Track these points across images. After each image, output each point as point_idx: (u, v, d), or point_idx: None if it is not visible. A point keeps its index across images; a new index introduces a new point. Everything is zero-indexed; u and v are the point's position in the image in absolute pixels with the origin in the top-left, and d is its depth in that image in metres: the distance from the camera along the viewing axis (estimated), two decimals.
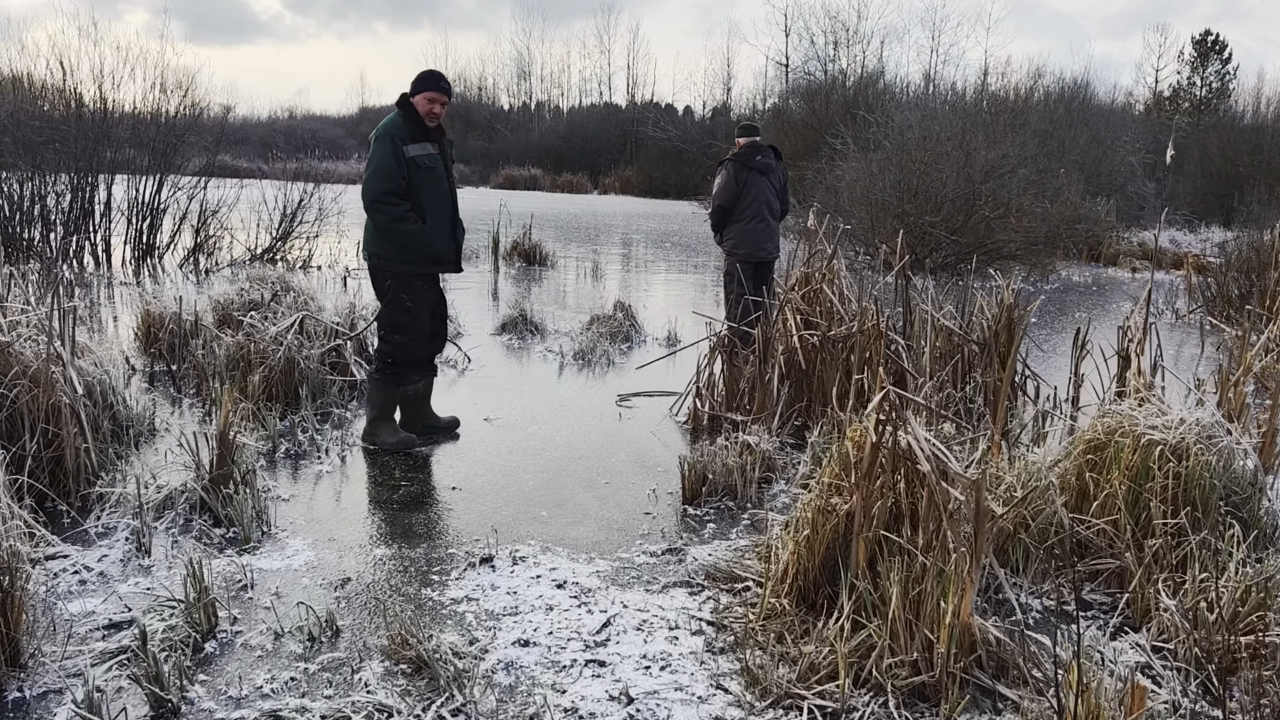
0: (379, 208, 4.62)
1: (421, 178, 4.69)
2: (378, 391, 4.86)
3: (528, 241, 14.34)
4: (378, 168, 4.60)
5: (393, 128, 4.67)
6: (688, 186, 48.71)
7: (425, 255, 4.74)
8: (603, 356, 7.33)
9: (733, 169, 7.44)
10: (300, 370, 5.41)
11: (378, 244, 4.75)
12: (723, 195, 7.47)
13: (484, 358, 7.18)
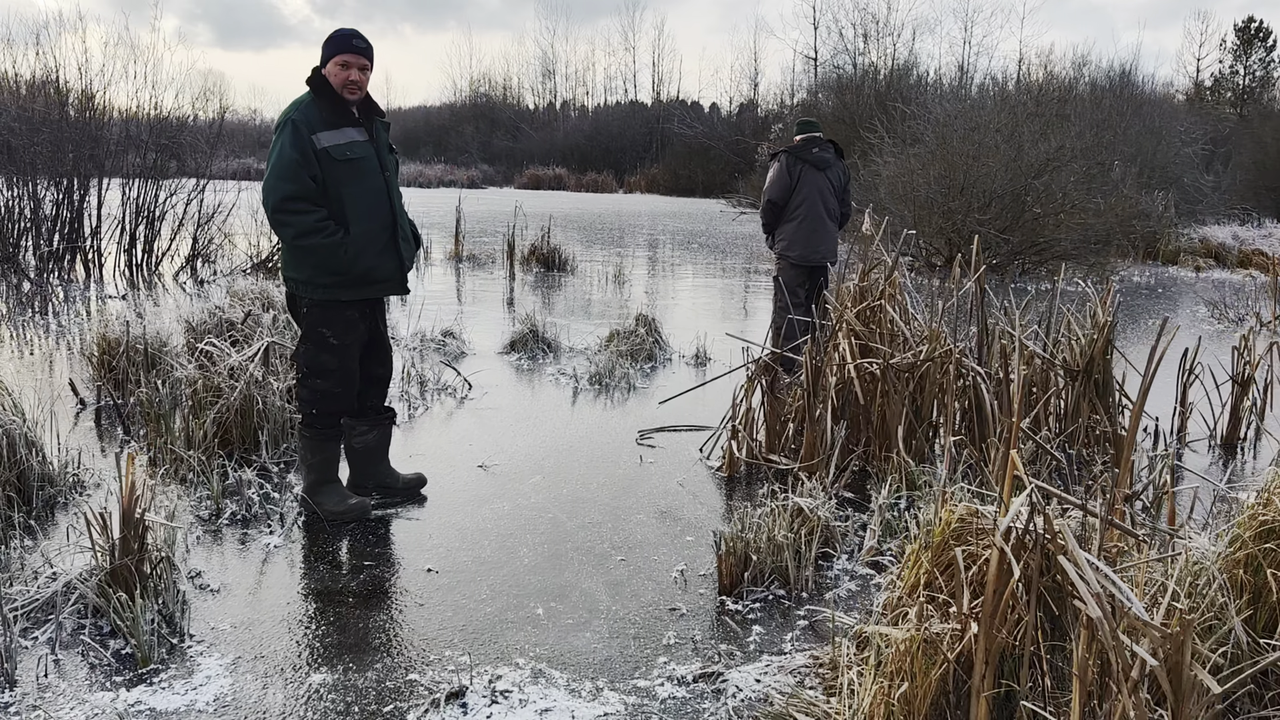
0: (282, 218, 3.65)
1: (342, 174, 3.71)
2: (308, 449, 3.91)
3: (546, 245, 13.48)
4: (276, 165, 3.64)
5: (297, 112, 3.69)
6: (714, 184, 47.73)
7: (351, 274, 3.75)
8: (622, 380, 6.43)
9: (785, 161, 6.63)
10: (260, 409, 4.55)
11: (289, 264, 3.81)
12: (774, 189, 6.61)
13: (488, 382, 6.30)
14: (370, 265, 3.81)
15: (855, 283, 5.09)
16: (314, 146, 3.66)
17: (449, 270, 13.06)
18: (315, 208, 3.67)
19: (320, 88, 3.77)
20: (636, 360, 7.04)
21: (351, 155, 3.75)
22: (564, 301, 10.37)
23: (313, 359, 3.85)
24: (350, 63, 3.78)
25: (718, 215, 30.29)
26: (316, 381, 3.85)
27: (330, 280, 3.75)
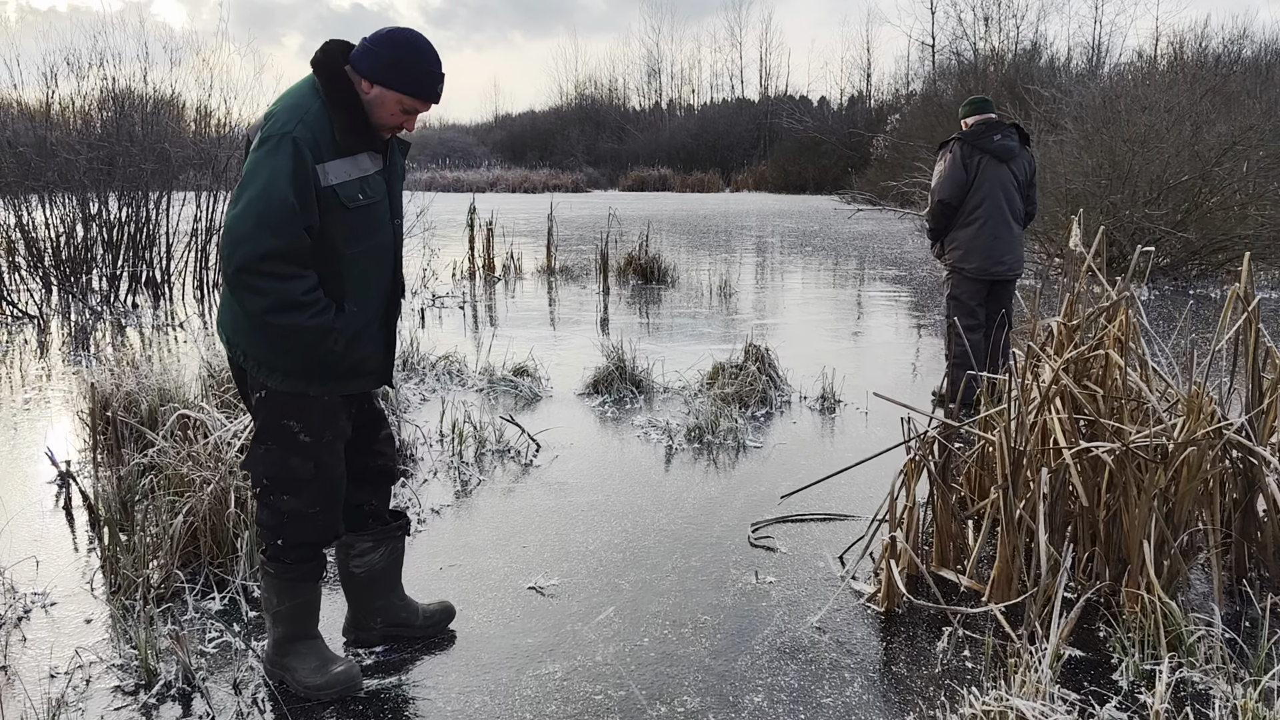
0: (252, 282, 2.37)
1: (346, 225, 2.52)
2: (274, 593, 2.66)
3: (644, 254, 12.21)
4: (259, 204, 2.37)
5: (300, 125, 2.44)
6: (826, 180, 45.74)
7: (334, 368, 2.57)
8: (728, 437, 5.06)
9: (960, 152, 5.36)
10: (235, 511, 3.38)
11: (245, 336, 2.56)
12: (946, 187, 5.29)
13: (560, 441, 5.04)
14: (361, 356, 2.61)
15: (1062, 319, 3.61)
16: (318, 182, 2.44)
17: (539, 285, 11.93)
18: (303, 272, 2.43)
19: (344, 100, 2.52)
20: (746, 405, 5.67)
21: (365, 199, 2.54)
22: (661, 322, 9.06)
23: (275, 465, 2.60)
24: (417, 110, 2.60)
25: (831, 213, 28.51)
26: (283, 499, 2.60)
27: (301, 369, 2.54)
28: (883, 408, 5.64)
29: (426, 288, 11.24)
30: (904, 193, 24.36)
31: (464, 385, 6.29)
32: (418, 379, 6.35)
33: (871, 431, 5.22)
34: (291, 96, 2.54)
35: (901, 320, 9.13)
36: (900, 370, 6.86)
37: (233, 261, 2.37)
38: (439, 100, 2.64)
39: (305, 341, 2.44)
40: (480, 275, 12.57)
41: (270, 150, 2.39)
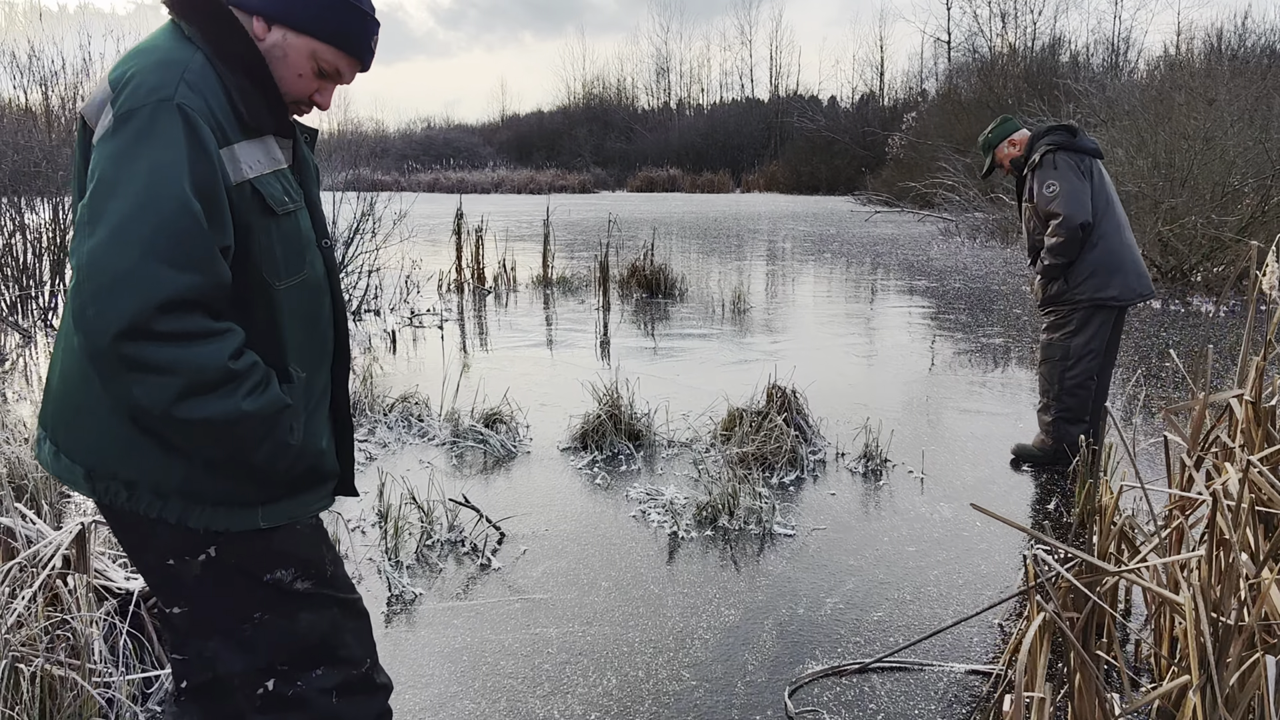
0: (148, 356, 1.35)
1: (283, 244, 1.58)
2: None
3: (649, 264, 11.05)
4: (145, 216, 1.36)
5: (183, 86, 1.44)
6: (839, 180, 44.54)
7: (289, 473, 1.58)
8: (750, 519, 3.90)
9: (1066, 161, 4.37)
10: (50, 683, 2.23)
11: (133, 458, 1.50)
12: (1077, 203, 4.33)
13: (529, 527, 3.89)
14: (318, 450, 1.65)
15: (1247, 393, 2.45)
16: (226, 176, 1.48)
17: (533, 299, 10.79)
18: (220, 326, 1.45)
19: (240, 51, 1.55)
20: (771, 469, 4.51)
21: (293, 204, 1.61)
22: (667, 347, 7.90)
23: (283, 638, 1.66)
24: (338, 74, 1.66)
25: (847, 215, 27.32)
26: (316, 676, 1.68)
27: (246, 487, 1.56)
28: (943, 471, 4.48)
29: (406, 303, 10.11)
30: (923, 194, 23.20)
31: (423, 437, 5.15)
32: (367, 429, 5.21)
33: (934, 509, 4.06)
34: (154, 51, 1.49)
35: (945, 345, 7.95)
36: (959, 416, 5.68)
37: (107, 325, 1.34)
38: (370, 62, 1.65)
39: (247, 439, 1.47)
40: (469, 287, 11.44)
41: (140, 132, 1.39)
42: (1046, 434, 4.58)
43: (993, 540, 3.72)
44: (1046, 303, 4.52)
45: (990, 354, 7.44)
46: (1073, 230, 4.24)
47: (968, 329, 8.57)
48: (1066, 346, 4.45)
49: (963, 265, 13.90)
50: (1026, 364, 7.10)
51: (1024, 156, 4.50)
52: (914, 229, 21.64)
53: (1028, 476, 4.52)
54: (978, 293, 10.97)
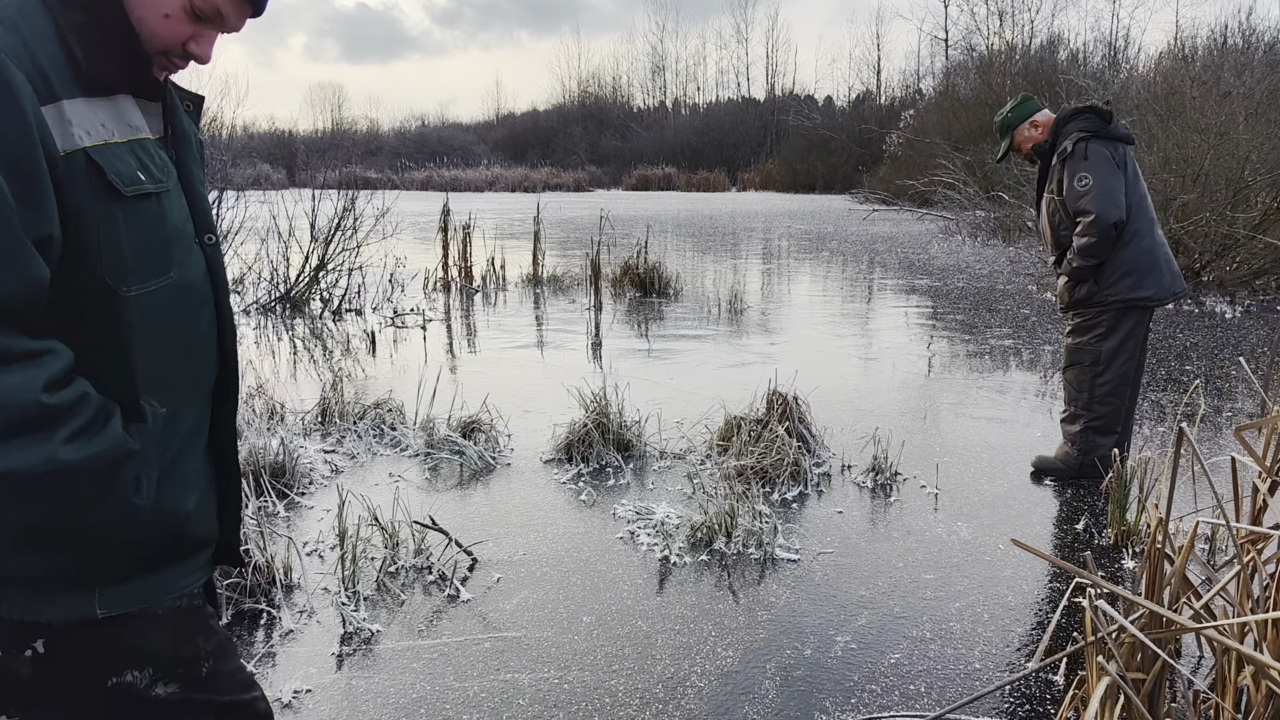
0: None
1: (133, 234, 1.17)
2: None
3: (643, 262, 10.68)
4: None
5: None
6: (836, 179, 44.23)
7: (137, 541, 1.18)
8: (750, 542, 3.52)
9: (1100, 151, 3.97)
10: None
11: None
12: (1111, 200, 3.94)
13: (505, 551, 3.51)
14: (184, 511, 1.26)
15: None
16: (49, 142, 1.09)
17: (523, 299, 10.41)
18: (38, 345, 1.07)
19: None
20: (772, 483, 4.14)
21: (150, 183, 1.20)
22: (660, 348, 7.53)
23: None
24: (225, 15, 1.26)
25: (845, 214, 26.97)
26: None
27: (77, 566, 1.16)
28: (958, 485, 4.11)
29: (390, 302, 9.73)
30: (922, 192, 22.85)
31: (395, 447, 4.77)
32: (335, 438, 4.84)
33: (951, 530, 3.69)
34: None
35: (951, 347, 7.59)
36: (971, 424, 5.32)
37: None
38: (264, 2, 1.26)
39: (69, 500, 1.10)
40: (456, 286, 11.05)
41: None
42: (1073, 445, 4.21)
43: (1019, 567, 3.35)
44: (1074, 305, 4.14)
45: (1000, 357, 7.08)
46: (1105, 230, 3.88)
47: (973, 330, 8.21)
48: (1097, 351, 4.09)
49: (965, 264, 13.55)
50: (1038, 367, 6.73)
51: (1048, 141, 4.13)
52: (913, 227, 21.30)
53: (1049, 492, 4.16)
54: (982, 292, 10.62)
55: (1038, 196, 4.31)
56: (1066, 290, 4.13)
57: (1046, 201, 4.14)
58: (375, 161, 59.43)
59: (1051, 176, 4.11)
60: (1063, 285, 4.16)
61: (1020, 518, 3.82)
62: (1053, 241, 4.20)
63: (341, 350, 7.42)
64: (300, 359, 7.10)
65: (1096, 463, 4.11)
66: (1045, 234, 4.27)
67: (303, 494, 4.11)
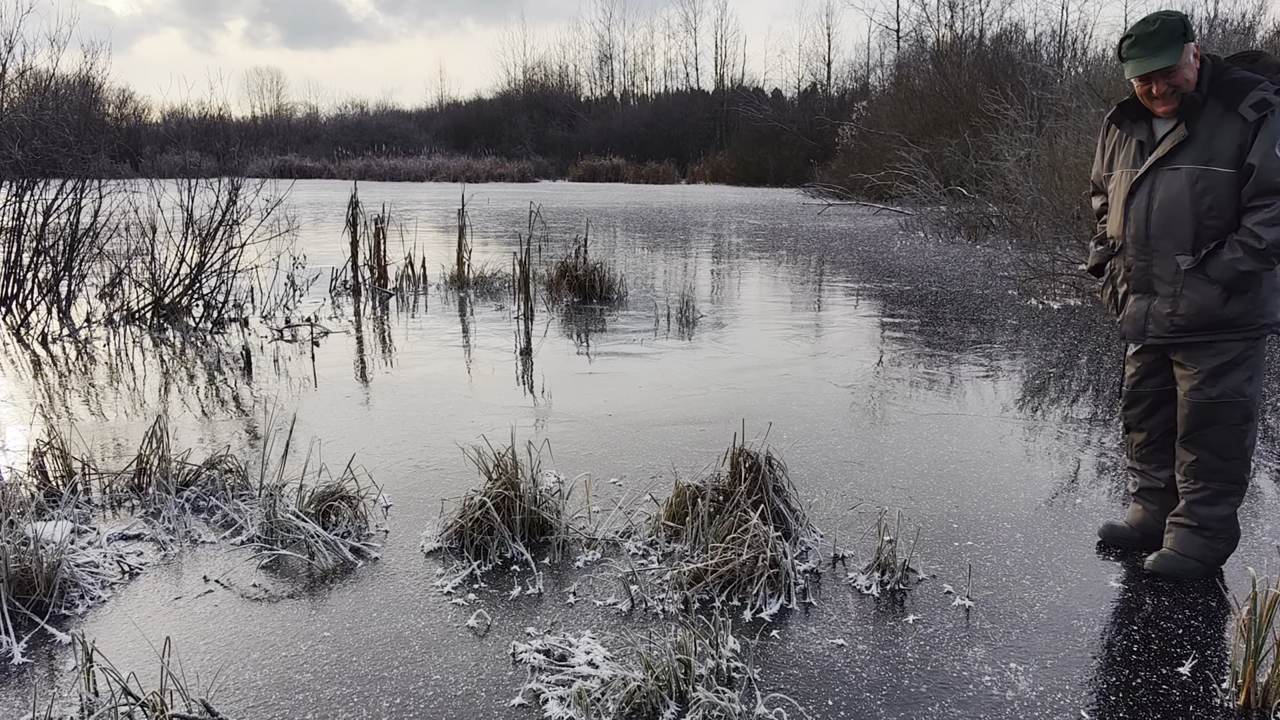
0: None
1: None
2: None
3: (582, 263, 9.43)
4: None
5: None
6: (787, 172, 43.25)
7: None
8: (712, 717, 2.32)
9: None
10: None
11: None
12: None
13: None
14: None
15: None
16: None
17: (445, 305, 9.09)
18: None
19: None
20: (745, 592, 2.95)
21: None
22: (598, 371, 6.30)
23: None
24: None
25: (799, 208, 25.97)
26: None
27: None
28: (995, 590, 2.95)
29: (287, 310, 8.35)
30: (878, 186, 21.90)
31: (226, 529, 3.48)
32: (146, 515, 3.54)
33: (1003, 679, 2.53)
34: None
35: (940, 371, 6.47)
36: (996, 486, 4.19)
37: None
38: None
39: None
40: (366, 289, 9.69)
41: None
42: (1217, 536, 3.08)
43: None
44: (1212, 328, 2.96)
45: (1006, 385, 5.98)
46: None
47: (962, 347, 7.11)
48: (1248, 399, 2.96)
49: (932, 265, 12.52)
50: (1061, 401, 5.65)
51: (1201, 87, 2.90)
52: (870, 223, 20.33)
53: (1116, 603, 3.02)
54: (959, 298, 9.56)
55: (1135, 159, 3.04)
56: (1210, 305, 2.91)
57: (1189, 174, 2.93)
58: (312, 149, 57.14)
59: (1196, 140, 2.89)
60: (1197, 299, 2.94)
61: (1091, 652, 2.68)
62: (1188, 232, 2.92)
63: (207, 375, 6.06)
64: (144, 388, 5.73)
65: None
66: (1144, 222, 3.00)
67: (65, 616, 2.82)
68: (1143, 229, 3.03)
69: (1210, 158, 2.86)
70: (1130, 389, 3.30)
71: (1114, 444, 4.65)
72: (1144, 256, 3.06)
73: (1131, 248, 3.09)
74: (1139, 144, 3.07)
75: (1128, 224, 3.09)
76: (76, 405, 5.27)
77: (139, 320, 7.80)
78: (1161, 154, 2.97)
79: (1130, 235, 3.08)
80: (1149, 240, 3.03)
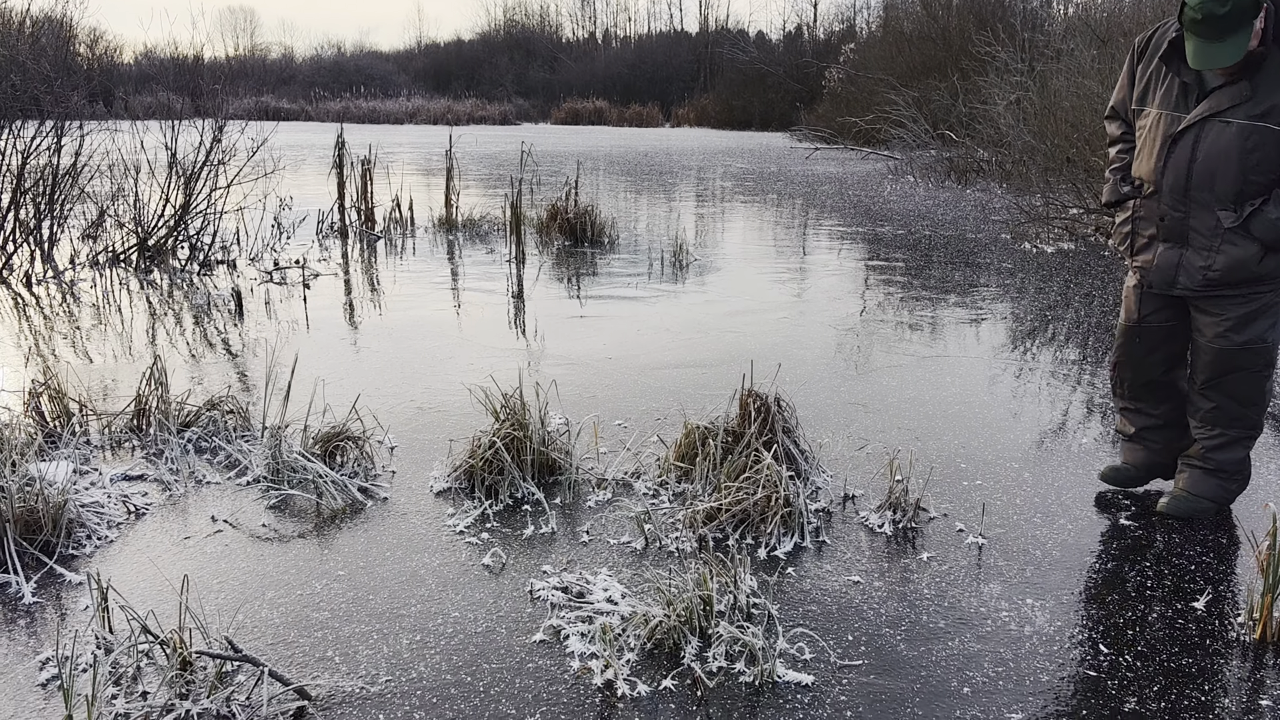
0: None
1: None
2: None
3: (573, 205, 9.31)
4: None
5: None
6: (773, 116, 42.79)
7: None
8: (737, 656, 2.32)
9: None
10: None
11: None
12: None
13: (359, 674, 2.25)
14: None
15: None
16: None
17: (433, 249, 8.97)
18: None
19: None
20: (757, 536, 2.95)
21: None
22: (593, 314, 6.25)
23: None
24: None
25: (786, 152, 25.74)
26: None
27: None
28: (1007, 528, 2.96)
29: (273, 252, 8.22)
30: (866, 130, 21.69)
31: (230, 470, 3.44)
32: (148, 456, 3.49)
33: (1020, 613, 2.55)
34: None
35: (939, 313, 6.46)
36: (1001, 426, 4.20)
37: None
38: None
39: None
40: (354, 233, 9.54)
41: None
42: (1231, 479, 3.09)
43: (1142, 685, 2.22)
44: (1247, 283, 2.90)
45: (1006, 327, 5.98)
46: None
47: (959, 290, 7.09)
48: (1269, 344, 2.94)
49: (924, 209, 12.46)
50: (1056, 341, 5.65)
51: (1265, 40, 2.80)
52: (858, 167, 20.19)
53: (1131, 541, 3.04)
54: (953, 242, 9.53)
55: (1181, 105, 2.89)
56: (1247, 262, 2.85)
57: (1241, 130, 2.84)
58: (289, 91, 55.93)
59: (1255, 95, 2.75)
60: (1236, 253, 2.86)
61: (1106, 588, 2.70)
62: (1232, 187, 2.83)
63: (198, 317, 5.97)
64: (134, 331, 5.64)
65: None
66: (1185, 174, 2.88)
67: (73, 555, 2.78)
68: (1183, 180, 2.90)
69: (1265, 113, 2.74)
70: (1137, 324, 3.23)
71: None
72: (1181, 208, 2.94)
73: (1168, 198, 2.95)
74: (1183, 85, 2.90)
75: (1165, 173, 2.94)
76: (66, 348, 5.17)
77: (124, 262, 7.65)
78: (1216, 108, 2.83)
79: (1168, 185, 2.93)
80: (1188, 192, 2.90)
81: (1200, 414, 3.10)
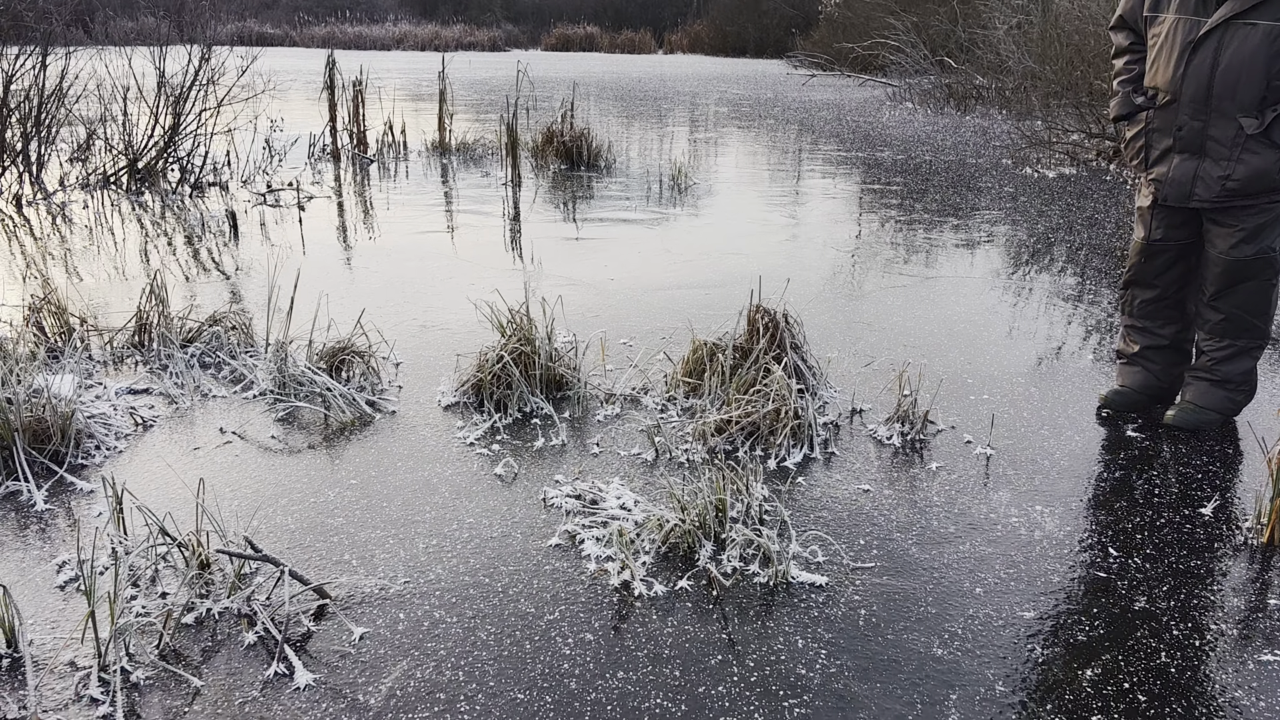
0: None
1: None
2: None
3: (569, 129, 9.15)
4: None
5: None
6: (768, 43, 42.03)
7: None
8: (751, 557, 2.35)
9: None
10: None
11: None
12: None
13: (377, 576, 2.27)
14: None
15: None
16: None
17: (427, 172, 8.84)
18: None
19: None
20: (767, 447, 2.96)
21: None
22: (593, 237, 6.19)
23: None
24: None
25: (782, 78, 25.32)
26: None
27: None
28: (1018, 442, 2.98)
29: (265, 175, 8.08)
30: (863, 56, 21.31)
31: (235, 385, 3.43)
32: (152, 370, 3.47)
33: (1029, 519, 2.58)
34: None
35: (941, 235, 6.42)
36: (1004, 342, 4.20)
37: None
38: None
39: None
40: (347, 156, 9.38)
41: None
42: (1238, 389, 3.11)
43: (1152, 585, 2.26)
44: (1261, 193, 2.86)
45: (1005, 248, 5.95)
46: None
47: (960, 213, 7.04)
48: (1277, 253, 2.93)
49: (924, 135, 12.31)
50: (1058, 261, 5.63)
51: None
52: (855, 94, 19.90)
53: (1136, 450, 3.07)
54: (953, 167, 9.43)
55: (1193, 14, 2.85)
56: (1268, 170, 2.80)
57: (1267, 31, 2.75)
58: (272, 15, 54.58)
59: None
60: (1256, 162, 2.81)
61: (1114, 496, 2.73)
62: (1256, 94, 2.77)
63: (189, 239, 5.89)
64: (128, 251, 5.56)
65: None
66: (1206, 81, 2.81)
67: (82, 465, 2.78)
68: (1204, 88, 2.84)
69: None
70: (1151, 242, 3.22)
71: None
72: (1200, 116, 2.88)
73: (1187, 107, 2.89)
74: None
75: (1185, 81, 2.87)
76: (60, 268, 5.11)
77: (114, 184, 7.52)
78: (1239, 9, 2.76)
79: (1188, 94, 2.87)
80: (1209, 100, 2.84)
81: (1209, 326, 3.10)
